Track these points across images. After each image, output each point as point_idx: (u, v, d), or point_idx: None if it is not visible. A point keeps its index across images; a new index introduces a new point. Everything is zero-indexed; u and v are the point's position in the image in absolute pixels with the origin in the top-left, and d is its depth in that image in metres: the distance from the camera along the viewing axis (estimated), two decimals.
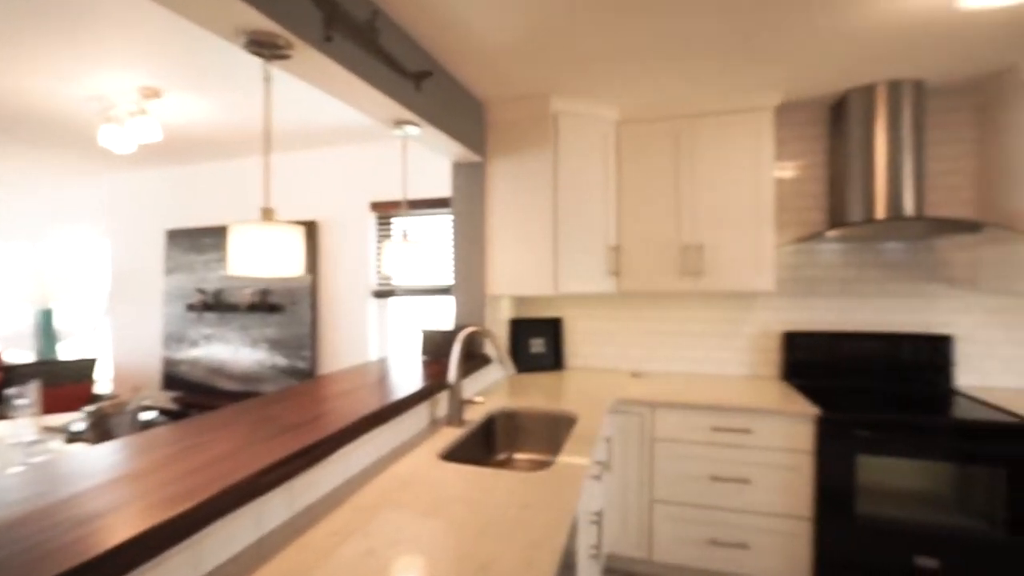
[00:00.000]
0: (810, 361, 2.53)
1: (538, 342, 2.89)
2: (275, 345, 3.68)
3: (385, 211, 3.40)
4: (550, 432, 2.08)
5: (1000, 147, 2.24)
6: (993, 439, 1.87)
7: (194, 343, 3.96)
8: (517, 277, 2.46)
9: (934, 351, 2.38)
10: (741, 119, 2.40)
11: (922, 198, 2.19)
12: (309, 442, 1.16)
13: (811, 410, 2.04)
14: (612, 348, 2.91)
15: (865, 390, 2.36)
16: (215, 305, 3.87)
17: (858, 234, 2.22)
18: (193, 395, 3.95)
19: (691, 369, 2.79)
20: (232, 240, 1.20)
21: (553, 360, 2.90)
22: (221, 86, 2.39)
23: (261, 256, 1.18)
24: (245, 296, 3.76)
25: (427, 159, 3.24)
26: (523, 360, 2.85)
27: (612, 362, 2.92)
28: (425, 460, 1.49)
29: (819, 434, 2.03)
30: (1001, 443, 1.86)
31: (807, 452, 2.06)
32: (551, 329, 2.93)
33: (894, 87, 2.20)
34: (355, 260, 3.47)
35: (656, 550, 2.23)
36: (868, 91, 2.24)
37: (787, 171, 2.63)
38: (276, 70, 2.20)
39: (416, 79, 1.83)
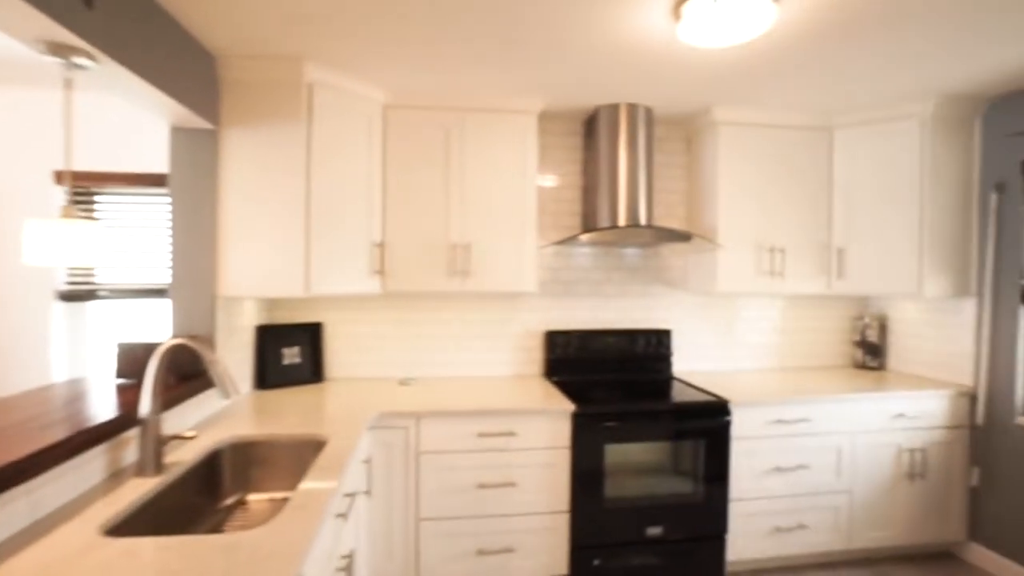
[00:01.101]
0: (567, 358, 2.71)
1: (292, 352, 2.46)
2: None
3: (83, 184, 2.50)
4: (298, 462, 1.73)
5: (698, 174, 2.75)
6: (696, 416, 2.24)
7: None
8: (259, 276, 2.02)
9: (659, 343, 2.78)
10: (508, 120, 2.41)
11: (652, 210, 2.53)
12: None
13: (568, 406, 2.14)
14: (379, 355, 2.67)
15: (610, 383, 2.61)
16: None
17: (605, 239, 2.44)
18: None
19: (460, 372, 2.73)
20: None
21: (311, 372, 2.51)
22: None
23: None
24: None
25: (155, 123, 2.49)
26: (274, 374, 2.39)
27: (379, 370, 2.67)
28: (74, 542, 1.01)
29: (574, 429, 2.14)
30: (700, 419, 2.24)
31: (565, 448, 2.15)
32: (308, 336, 2.53)
33: (633, 110, 2.48)
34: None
35: (423, 573, 2.07)
36: (614, 110, 2.48)
37: (549, 177, 2.77)
38: None
39: None
